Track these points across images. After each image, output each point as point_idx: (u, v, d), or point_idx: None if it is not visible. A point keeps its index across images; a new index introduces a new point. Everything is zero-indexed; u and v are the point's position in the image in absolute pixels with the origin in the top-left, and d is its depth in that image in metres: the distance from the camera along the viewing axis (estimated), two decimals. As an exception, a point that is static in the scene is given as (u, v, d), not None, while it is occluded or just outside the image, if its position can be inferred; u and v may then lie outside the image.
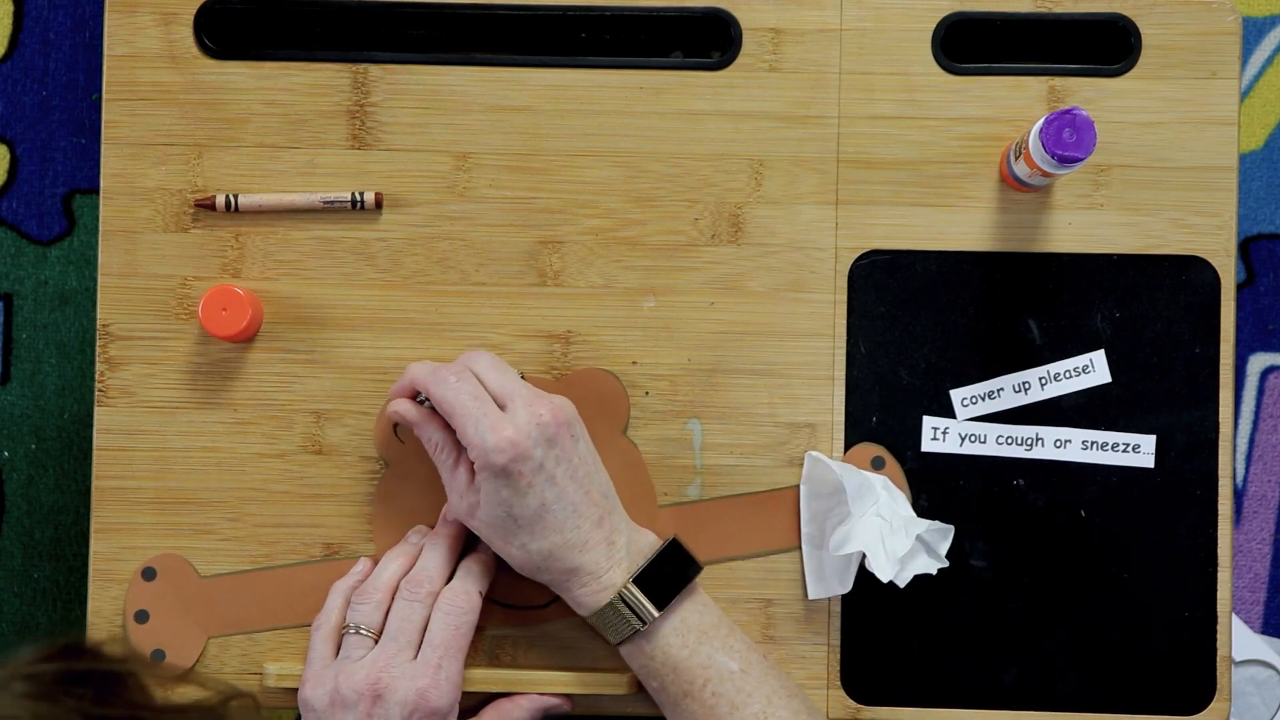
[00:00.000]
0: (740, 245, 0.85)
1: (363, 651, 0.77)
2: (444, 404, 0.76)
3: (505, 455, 0.74)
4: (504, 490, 0.75)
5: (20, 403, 1.36)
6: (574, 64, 0.85)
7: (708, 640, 0.77)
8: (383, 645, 0.77)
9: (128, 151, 0.85)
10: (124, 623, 0.84)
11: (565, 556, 0.76)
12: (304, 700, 0.77)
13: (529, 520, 0.76)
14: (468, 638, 0.78)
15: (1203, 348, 0.84)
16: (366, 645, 0.78)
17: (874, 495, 0.81)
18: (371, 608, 0.78)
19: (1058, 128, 0.76)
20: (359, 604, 0.79)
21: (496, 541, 0.77)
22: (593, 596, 0.77)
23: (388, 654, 0.76)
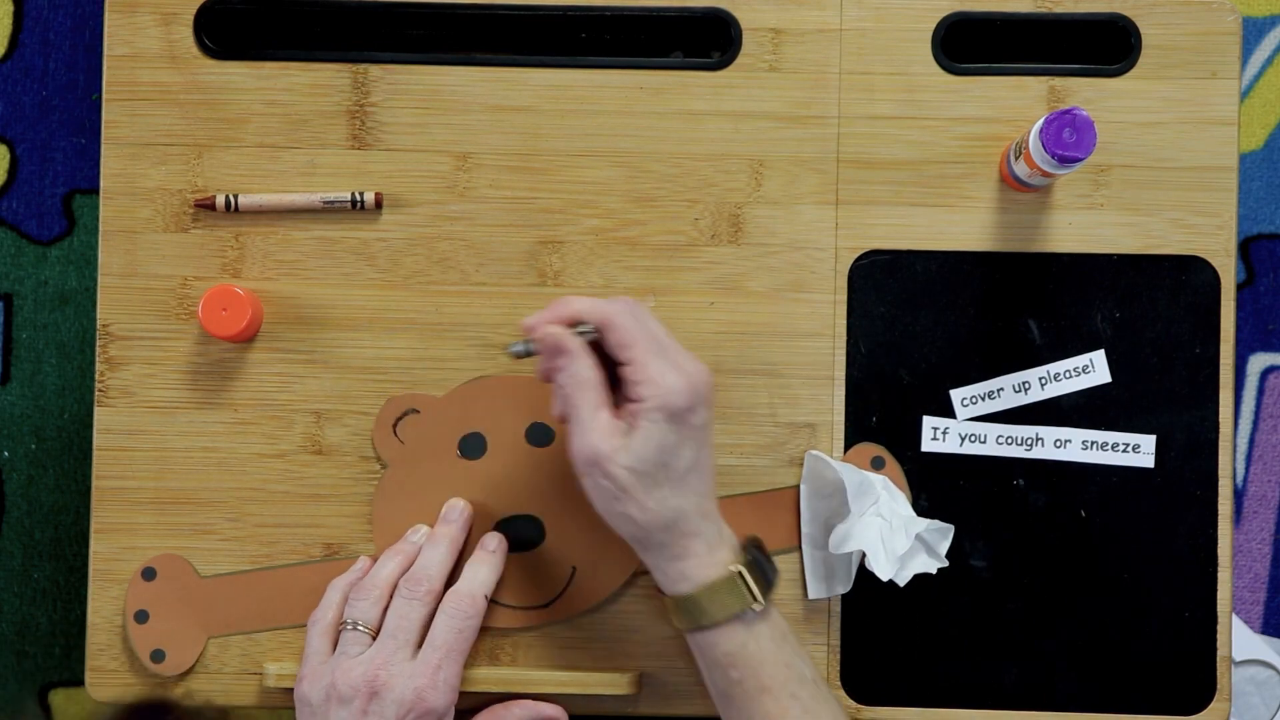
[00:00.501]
0: (740, 245, 0.85)
1: (360, 648, 0.77)
2: (625, 334, 0.72)
3: (684, 399, 0.72)
4: (670, 436, 0.72)
5: (20, 403, 1.36)
6: (574, 64, 0.85)
7: (788, 641, 0.76)
8: (381, 642, 0.77)
9: (128, 151, 0.85)
10: (124, 623, 0.84)
11: (694, 521, 0.74)
12: (300, 696, 0.77)
13: (679, 474, 0.73)
14: (469, 641, 0.78)
15: (1203, 348, 0.84)
16: (364, 642, 0.77)
17: (874, 494, 0.81)
18: (370, 604, 0.78)
19: (1058, 128, 0.76)
20: (357, 600, 0.79)
21: (634, 493, 0.73)
22: (705, 569, 0.74)
23: (386, 651, 0.76)
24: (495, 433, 0.84)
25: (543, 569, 0.84)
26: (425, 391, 0.84)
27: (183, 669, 0.84)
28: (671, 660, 0.84)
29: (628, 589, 0.84)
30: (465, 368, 0.85)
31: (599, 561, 0.83)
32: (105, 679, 0.85)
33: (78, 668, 1.35)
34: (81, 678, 1.12)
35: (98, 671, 0.85)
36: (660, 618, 0.84)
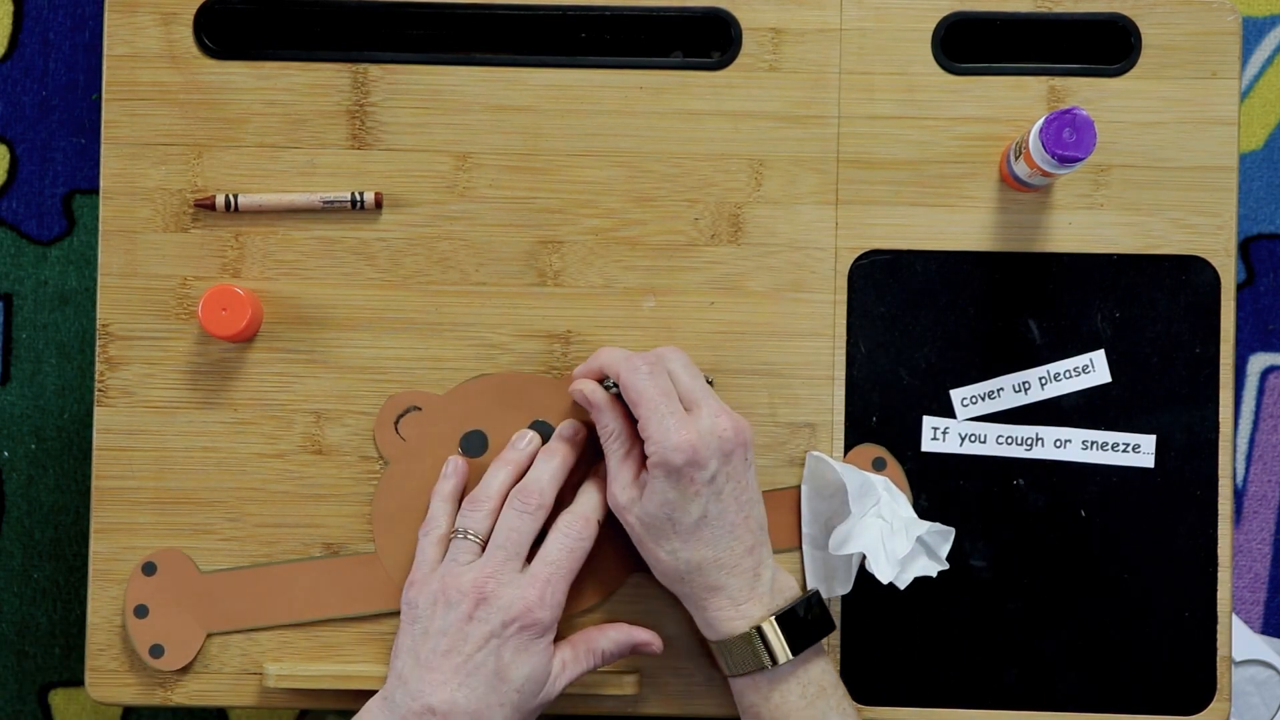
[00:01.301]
0: (740, 245, 0.85)
1: (470, 556, 0.78)
2: (632, 392, 0.76)
3: (682, 456, 0.75)
4: (671, 492, 0.75)
5: (20, 403, 1.36)
6: (574, 64, 0.85)
7: (825, 697, 0.78)
8: (491, 552, 0.77)
9: (128, 151, 0.85)
10: (123, 617, 0.84)
11: (711, 573, 0.77)
12: (408, 600, 0.78)
13: (687, 528, 0.76)
14: (579, 563, 0.78)
15: (1203, 348, 0.84)
16: (474, 551, 0.78)
17: (875, 496, 0.81)
18: (481, 515, 0.79)
19: (1058, 128, 0.76)
20: (469, 510, 0.79)
21: (647, 542, 0.78)
22: (727, 623, 0.77)
23: (495, 561, 0.76)
24: (497, 430, 0.84)
25: (543, 569, 0.84)
26: (425, 391, 0.85)
27: (181, 664, 0.84)
28: (672, 660, 0.84)
29: (628, 590, 0.84)
30: (465, 367, 0.85)
31: (598, 563, 0.83)
32: (105, 679, 0.85)
33: (78, 668, 1.35)
34: (81, 678, 1.12)
35: (98, 671, 0.85)
36: (660, 618, 0.84)
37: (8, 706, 1.35)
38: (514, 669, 0.75)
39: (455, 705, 0.74)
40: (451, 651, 0.75)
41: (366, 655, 0.84)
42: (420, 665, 0.75)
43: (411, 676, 0.76)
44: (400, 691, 0.76)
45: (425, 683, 0.75)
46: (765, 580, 0.78)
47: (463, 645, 0.75)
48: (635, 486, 0.78)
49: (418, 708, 0.74)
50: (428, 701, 0.74)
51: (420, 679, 0.75)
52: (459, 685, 0.75)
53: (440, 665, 0.75)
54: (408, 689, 0.75)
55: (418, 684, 0.75)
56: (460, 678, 0.75)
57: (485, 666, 0.75)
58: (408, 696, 0.75)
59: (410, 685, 0.75)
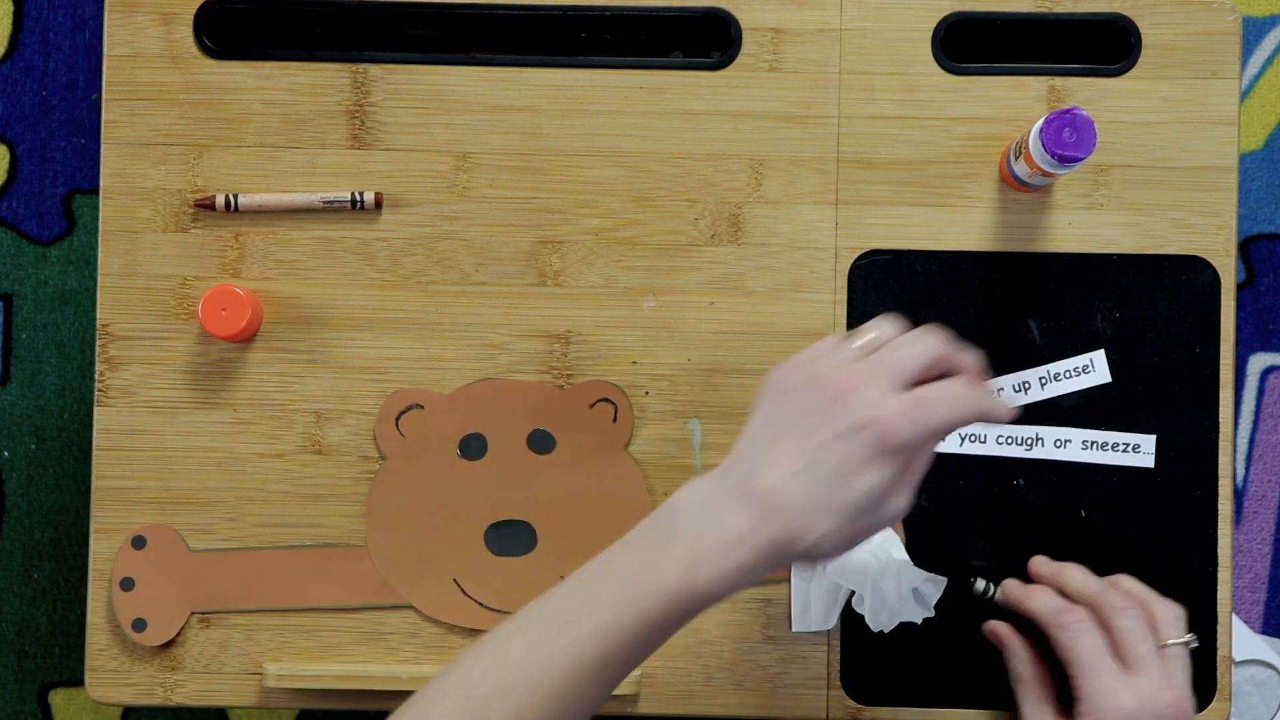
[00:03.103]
0: (740, 245, 0.85)
1: (850, 358, 0.69)
2: (1065, 652, 0.77)
3: (1116, 716, 0.74)
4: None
5: (20, 403, 1.36)
6: (574, 64, 0.85)
7: None
8: (871, 362, 0.68)
9: (128, 151, 0.85)
10: (109, 588, 0.84)
11: None
12: (774, 378, 0.69)
13: None
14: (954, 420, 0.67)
15: (1203, 348, 0.84)
16: (856, 355, 0.68)
17: None
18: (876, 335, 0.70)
19: (1058, 127, 0.76)
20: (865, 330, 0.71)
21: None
22: None
23: (870, 368, 0.67)
24: (497, 435, 0.84)
25: (531, 576, 0.84)
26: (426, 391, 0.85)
27: (163, 640, 0.84)
28: (672, 660, 0.84)
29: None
30: (465, 368, 0.85)
31: None
32: (105, 679, 0.85)
33: (78, 668, 1.35)
34: (81, 678, 1.12)
35: (98, 671, 0.85)
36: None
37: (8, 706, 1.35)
38: (856, 480, 0.65)
39: (784, 493, 0.65)
40: (796, 438, 0.66)
41: (367, 655, 0.84)
42: (760, 444, 0.67)
43: (748, 454, 0.67)
44: (734, 470, 0.67)
45: (760, 462, 0.66)
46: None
47: (809, 436, 0.66)
48: None
49: (747, 485, 0.65)
50: (760, 480, 0.65)
51: (756, 458, 0.66)
52: (794, 474, 0.65)
53: (780, 448, 0.66)
54: (741, 467, 0.67)
55: (752, 462, 0.66)
56: (797, 466, 0.66)
57: (825, 465, 0.65)
58: (739, 474, 0.66)
59: (744, 464, 0.67)
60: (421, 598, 0.84)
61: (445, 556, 0.84)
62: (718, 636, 0.84)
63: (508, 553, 0.84)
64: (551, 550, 0.84)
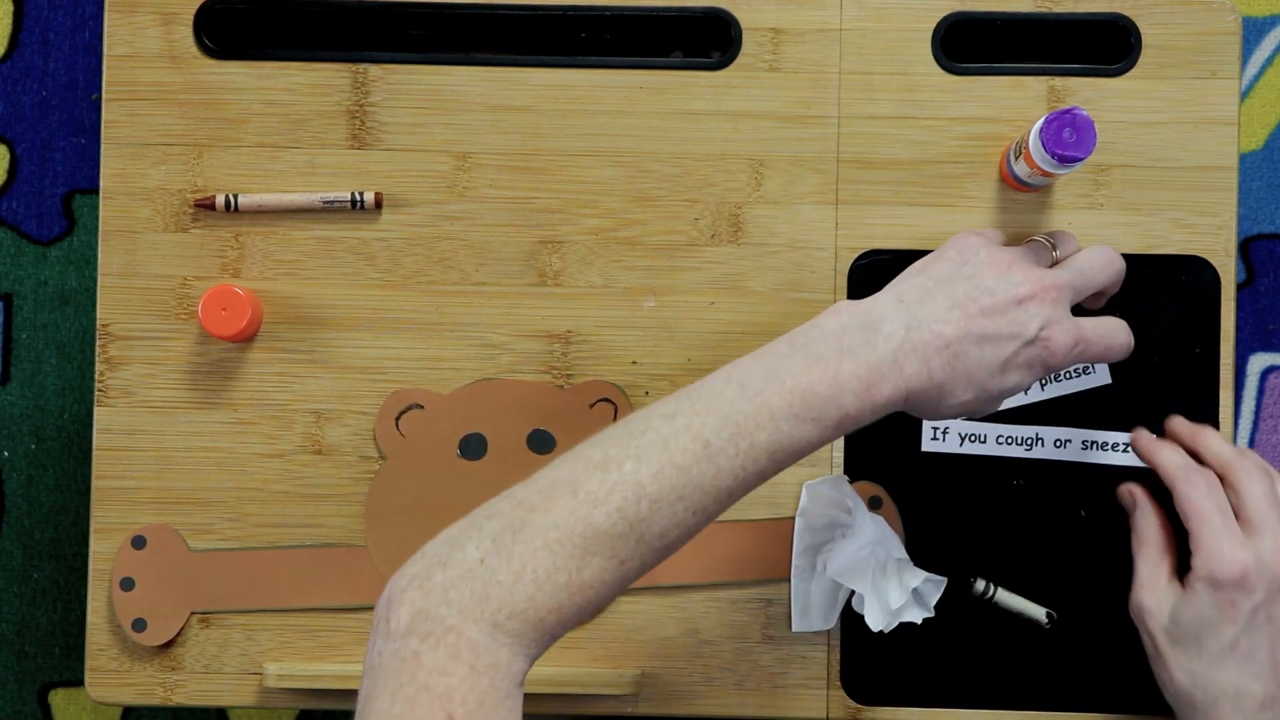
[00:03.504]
0: (740, 245, 0.85)
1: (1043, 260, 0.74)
2: (1187, 504, 0.76)
3: (1234, 572, 0.73)
4: (1210, 609, 0.74)
5: (20, 403, 1.36)
6: (574, 64, 0.85)
7: None
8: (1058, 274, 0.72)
9: (128, 151, 0.85)
10: (109, 588, 0.84)
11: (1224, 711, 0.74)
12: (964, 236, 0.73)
13: (1213, 653, 0.74)
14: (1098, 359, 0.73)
15: (1203, 348, 0.84)
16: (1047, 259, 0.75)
17: (869, 530, 0.81)
18: None
19: (1058, 127, 0.76)
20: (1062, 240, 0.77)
21: (1167, 656, 0.76)
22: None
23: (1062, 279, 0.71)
24: (497, 435, 0.84)
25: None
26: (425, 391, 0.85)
27: (163, 640, 0.84)
28: (671, 660, 0.84)
29: (627, 591, 0.84)
30: (465, 368, 0.85)
31: None
32: (105, 679, 0.85)
33: (77, 668, 1.35)
34: (81, 678, 1.12)
35: (98, 671, 0.85)
36: (660, 617, 0.84)
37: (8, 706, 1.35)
38: (1006, 376, 0.69)
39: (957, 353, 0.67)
40: (979, 311, 0.68)
41: None
42: (943, 293, 0.69)
43: (932, 296, 0.68)
44: (917, 306, 0.68)
45: (943, 313, 0.68)
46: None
47: (990, 317, 0.68)
48: (1168, 593, 0.77)
49: (930, 328, 0.67)
50: (940, 330, 0.67)
51: (939, 305, 0.68)
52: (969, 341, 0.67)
53: (963, 311, 0.68)
54: (924, 308, 0.68)
55: (935, 307, 0.68)
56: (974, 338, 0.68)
57: (994, 353, 0.68)
58: (924, 313, 0.68)
59: (930, 305, 0.68)
60: (421, 598, 0.84)
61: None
62: (718, 636, 0.84)
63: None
64: (551, 550, 0.84)
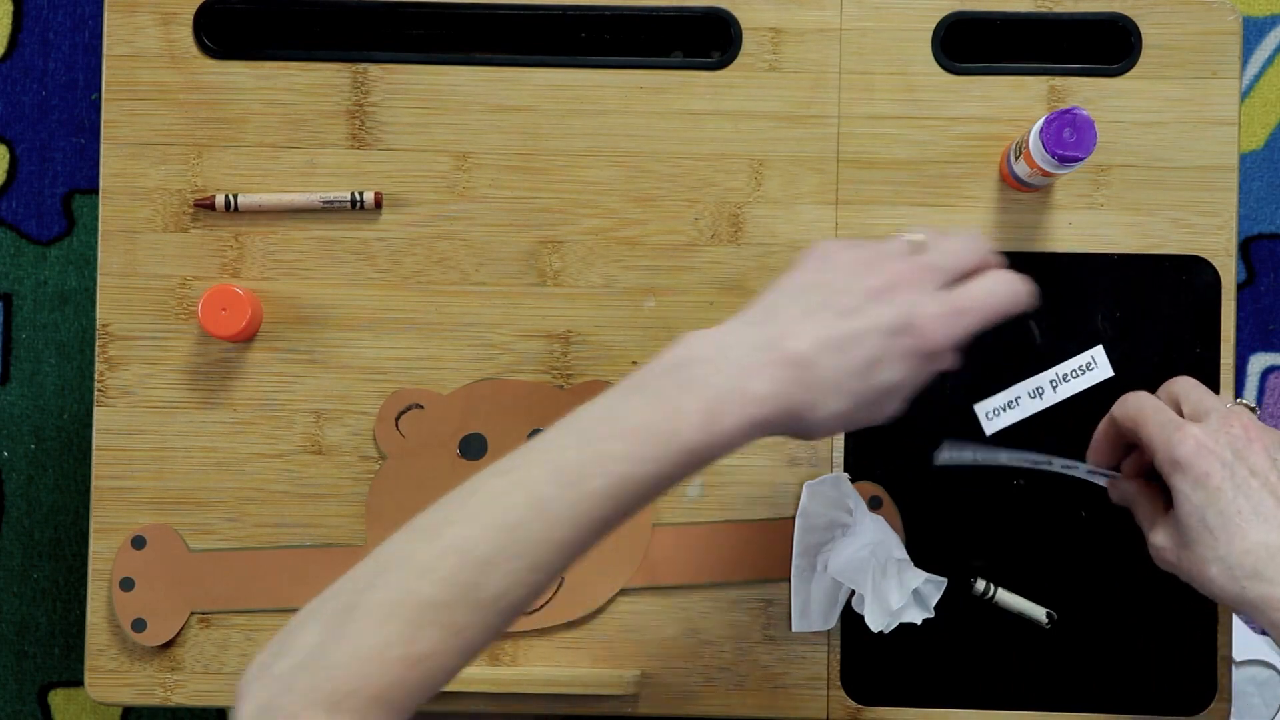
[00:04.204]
0: (740, 245, 0.85)
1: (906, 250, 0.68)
2: (1127, 421, 0.74)
3: (1188, 445, 0.70)
4: (1192, 494, 0.70)
5: (20, 403, 1.36)
6: (574, 64, 0.85)
7: None
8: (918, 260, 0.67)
9: (127, 151, 0.85)
10: (109, 588, 0.84)
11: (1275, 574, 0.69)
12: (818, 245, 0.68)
13: (1226, 529, 0.70)
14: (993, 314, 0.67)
15: (1203, 348, 0.84)
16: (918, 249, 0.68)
17: (869, 530, 0.81)
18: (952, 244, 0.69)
19: (1058, 127, 0.76)
20: None
21: (1195, 566, 0.71)
22: None
23: (920, 265, 0.66)
24: (497, 435, 0.84)
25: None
26: (425, 391, 0.85)
27: (163, 640, 0.84)
28: (671, 660, 0.84)
29: (627, 591, 0.84)
30: (465, 368, 0.85)
31: (589, 573, 0.83)
32: (105, 679, 0.85)
33: (77, 668, 1.35)
34: (81, 678, 1.12)
35: (97, 672, 0.85)
36: (660, 617, 0.84)
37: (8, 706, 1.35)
38: (880, 373, 0.64)
39: (816, 364, 0.63)
40: (836, 314, 0.64)
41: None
42: (795, 307, 0.65)
43: (781, 314, 0.65)
44: (763, 326, 0.64)
45: (794, 327, 0.64)
46: None
47: (849, 318, 0.64)
48: (1167, 522, 0.73)
49: (779, 346, 0.63)
50: (792, 345, 0.63)
51: (790, 320, 0.64)
52: (827, 349, 0.63)
53: (818, 318, 0.64)
54: (772, 327, 0.64)
55: (786, 324, 0.64)
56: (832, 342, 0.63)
57: (859, 352, 0.63)
58: (771, 332, 0.63)
59: (777, 323, 0.64)
60: (421, 598, 0.84)
61: None
62: (718, 636, 0.84)
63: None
64: (551, 550, 0.84)
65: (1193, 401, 0.74)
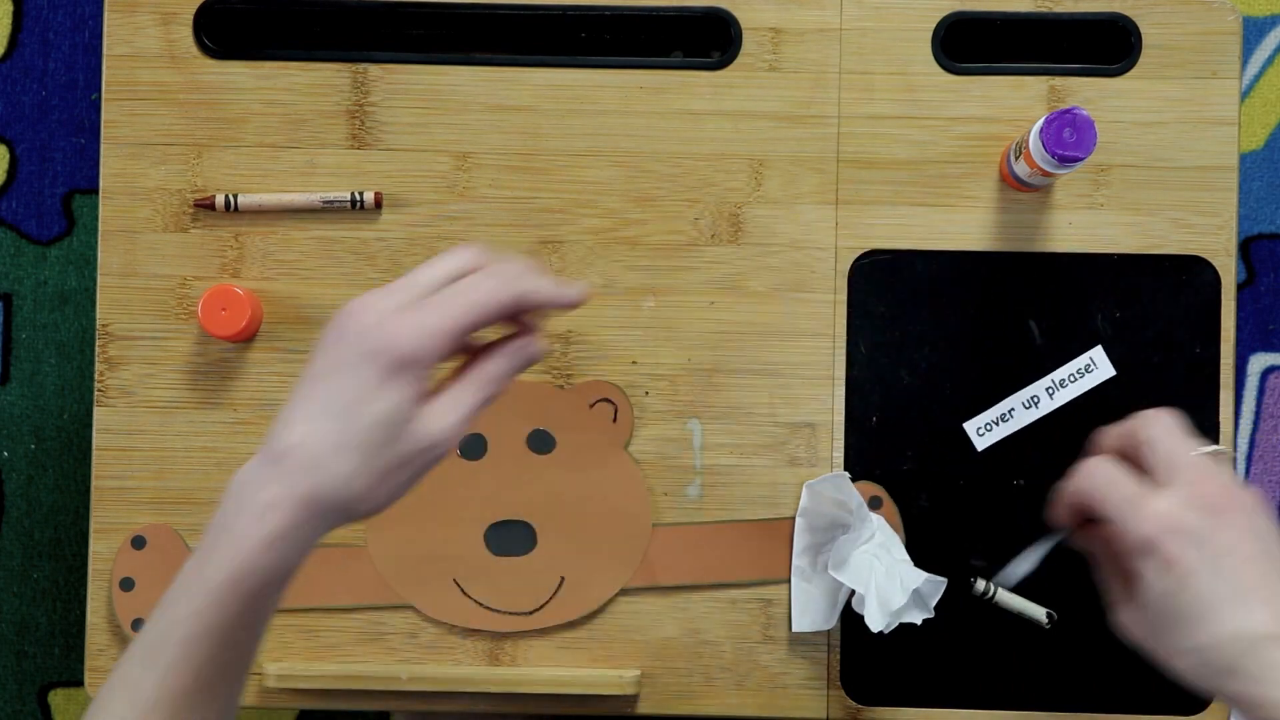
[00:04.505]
0: (740, 245, 0.85)
1: None
2: (1084, 496, 0.66)
3: (1149, 526, 0.63)
4: (1159, 578, 0.63)
5: (20, 403, 1.36)
6: (574, 64, 0.85)
7: None
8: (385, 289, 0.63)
9: (127, 151, 0.85)
10: (109, 588, 0.84)
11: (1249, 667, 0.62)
12: None
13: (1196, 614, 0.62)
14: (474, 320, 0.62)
15: (1203, 348, 0.84)
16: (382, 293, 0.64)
17: (870, 529, 0.81)
18: None
19: (1058, 127, 0.76)
20: None
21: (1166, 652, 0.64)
22: None
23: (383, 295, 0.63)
24: (497, 435, 0.84)
25: (531, 576, 0.84)
26: (425, 391, 0.85)
27: None
28: (671, 660, 0.84)
29: (627, 591, 0.84)
30: (465, 368, 0.84)
31: (589, 573, 0.83)
32: (105, 679, 0.84)
33: (77, 668, 1.35)
34: (81, 678, 1.12)
35: (97, 672, 0.85)
36: (660, 618, 0.84)
37: (8, 706, 1.35)
38: (367, 408, 0.60)
39: (304, 445, 0.60)
40: (314, 386, 0.62)
41: (367, 655, 0.84)
42: (287, 405, 0.62)
43: (278, 419, 0.62)
44: (267, 439, 0.62)
45: (283, 420, 0.62)
46: None
47: (324, 379, 0.62)
48: (1134, 602, 0.65)
49: (274, 448, 0.61)
50: (283, 439, 0.61)
51: (281, 419, 0.62)
52: (309, 421, 0.61)
53: (300, 403, 0.62)
54: (270, 433, 0.62)
55: (278, 424, 0.62)
56: (313, 413, 0.61)
57: (336, 402, 0.61)
58: (269, 440, 0.61)
59: (273, 428, 0.62)
60: (421, 598, 0.84)
61: (445, 556, 0.84)
62: (718, 636, 0.84)
63: (508, 553, 0.84)
64: (551, 550, 0.84)
65: (1161, 455, 0.65)
